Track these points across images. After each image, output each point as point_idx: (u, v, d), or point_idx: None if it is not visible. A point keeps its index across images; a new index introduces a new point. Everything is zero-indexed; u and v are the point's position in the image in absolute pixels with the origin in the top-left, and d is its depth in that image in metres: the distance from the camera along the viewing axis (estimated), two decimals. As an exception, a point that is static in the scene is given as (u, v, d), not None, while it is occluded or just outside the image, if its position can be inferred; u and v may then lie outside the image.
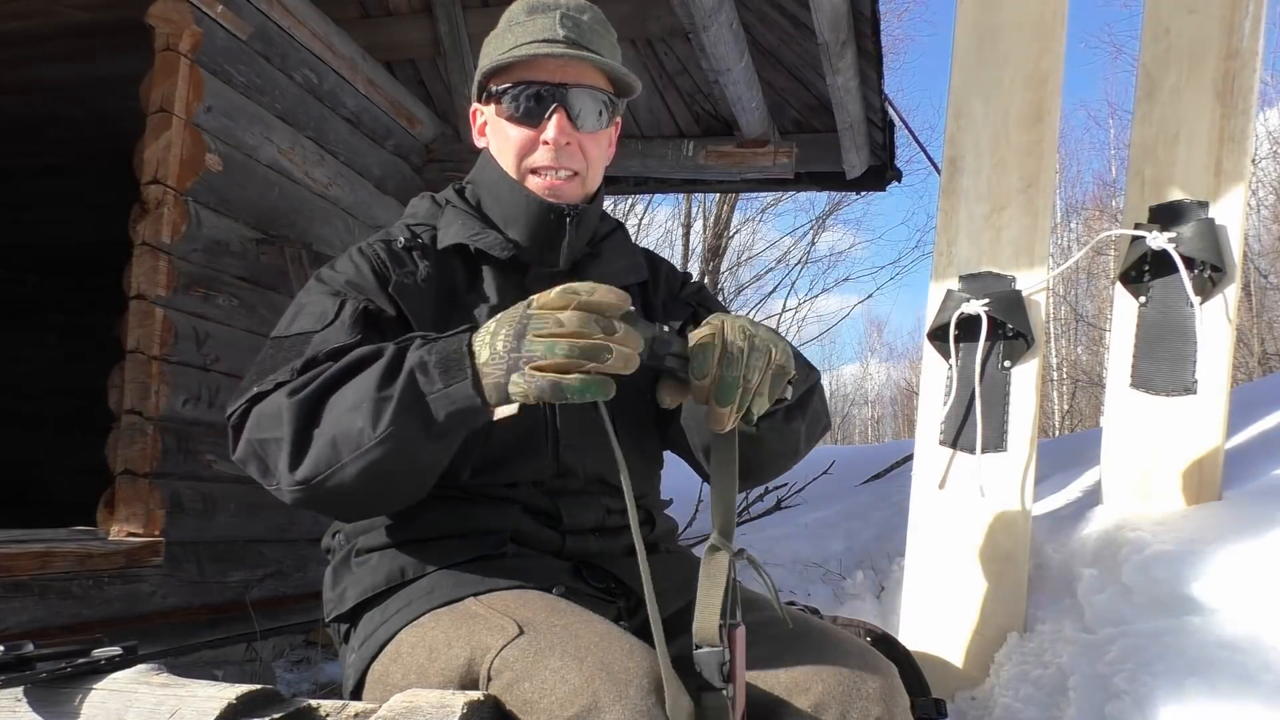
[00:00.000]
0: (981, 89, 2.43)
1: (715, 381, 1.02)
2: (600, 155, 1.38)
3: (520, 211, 1.34)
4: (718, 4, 3.38)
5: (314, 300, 1.25)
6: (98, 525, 2.76)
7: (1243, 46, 2.24)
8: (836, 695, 1.06)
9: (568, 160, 1.32)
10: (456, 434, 1.07)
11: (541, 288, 1.31)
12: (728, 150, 4.51)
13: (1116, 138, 19.41)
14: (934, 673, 2.12)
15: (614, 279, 1.35)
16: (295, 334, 1.21)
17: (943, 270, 2.41)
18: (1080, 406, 18.92)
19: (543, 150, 1.32)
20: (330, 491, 1.06)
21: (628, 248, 1.49)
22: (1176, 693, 1.71)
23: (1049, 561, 2.29)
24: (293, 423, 1.06)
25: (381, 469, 1.04)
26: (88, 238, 4.65)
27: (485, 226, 1.35)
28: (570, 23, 1.31)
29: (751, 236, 16.85)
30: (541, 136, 1.31)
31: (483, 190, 1.38)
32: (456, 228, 1.36)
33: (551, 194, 1.33)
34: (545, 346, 0.95)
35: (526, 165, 1.33)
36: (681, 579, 1.21)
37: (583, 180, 1.36)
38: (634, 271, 1.47)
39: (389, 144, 4.03)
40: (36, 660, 1.13)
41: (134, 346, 2.76)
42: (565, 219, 1.34)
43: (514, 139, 1.33)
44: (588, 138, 1.34)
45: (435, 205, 1.42)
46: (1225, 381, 2.16)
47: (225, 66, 3.02)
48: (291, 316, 1.26)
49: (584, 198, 1.38)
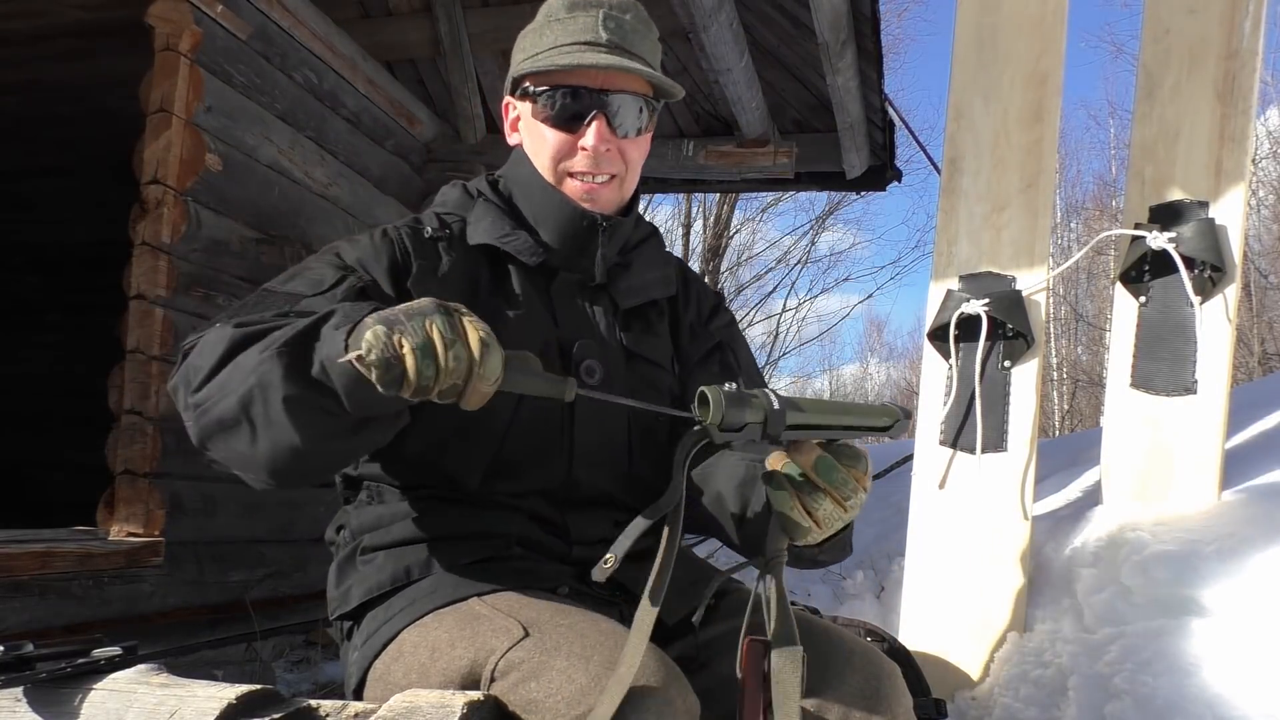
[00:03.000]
0: (981, 89, 2.43)
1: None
2: (639, 159, 1.35)
3: (553, 214, 1.31)
4: (718, 4, 3.38)
5: (318, 266, 1.21)
6: (98, 525, 2.76)
7: (1243, 46, 2.24)
8: (840, 697, 1.06)
9: (607, 165, 1.29)
10: (326, 390, 0.93)
11: (568, 295, 1.32)
12: (728, 150, 4.51)
13: (1116, 138, 19.40)
14: (934, 673, 2.12)
15: (642, 292, 1.38)
16: (286, 292, 1.16)
17: (943, 270, 2.41)
18: (1080, 406, 18.91)
19: (581, 156, 1.28)
20: (214, 423, 1.00)
21: (659, 258, 1.44)
22: (1176, 693, 1.71)
23: (1049, 561, 2.28)
24: (221, 345, 1.00)
25: (250, 404, 0.95)
26: (88, 238, 4.64)
27: (516, 226, 1.31)
28: (613, 24, 1.26)
29: (751, 236, 16.85)
30: (580, 143, 1.27)
31: (515, 187, 1.35)
32: (486, 225, 1.32)
33: (588, 198, 1.30)
34: (422, 344, 0.85)
35: (564, 169, 1.30)
36: (688, 583, 1.21)
37: (620, 183, 1.32)
38: (664, 285, 1.42)
39: (389, 144, 4.02)
40: (36, 660, 1.13)
41: (134, 346, 2.76)
42: (599, 228, 1.31)
43: (551, 142, 1.29)
44: (628, 143, 1.30)
45: (467, 195, 1.37)
46: (1225, 381, 2.16)
47: (225, 66, 3.02)
48: (290, 274, 1.21)
49: (620, 202, 1.35)
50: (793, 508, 0.99)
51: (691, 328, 1.45)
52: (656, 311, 1.42)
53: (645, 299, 1.39)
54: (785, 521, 1.00)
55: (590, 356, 1.29)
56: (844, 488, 0.99)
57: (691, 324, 1.45)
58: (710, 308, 1.49)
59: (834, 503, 0.99)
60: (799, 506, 0.99)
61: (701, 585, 1.18)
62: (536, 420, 1.24)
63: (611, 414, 1.27)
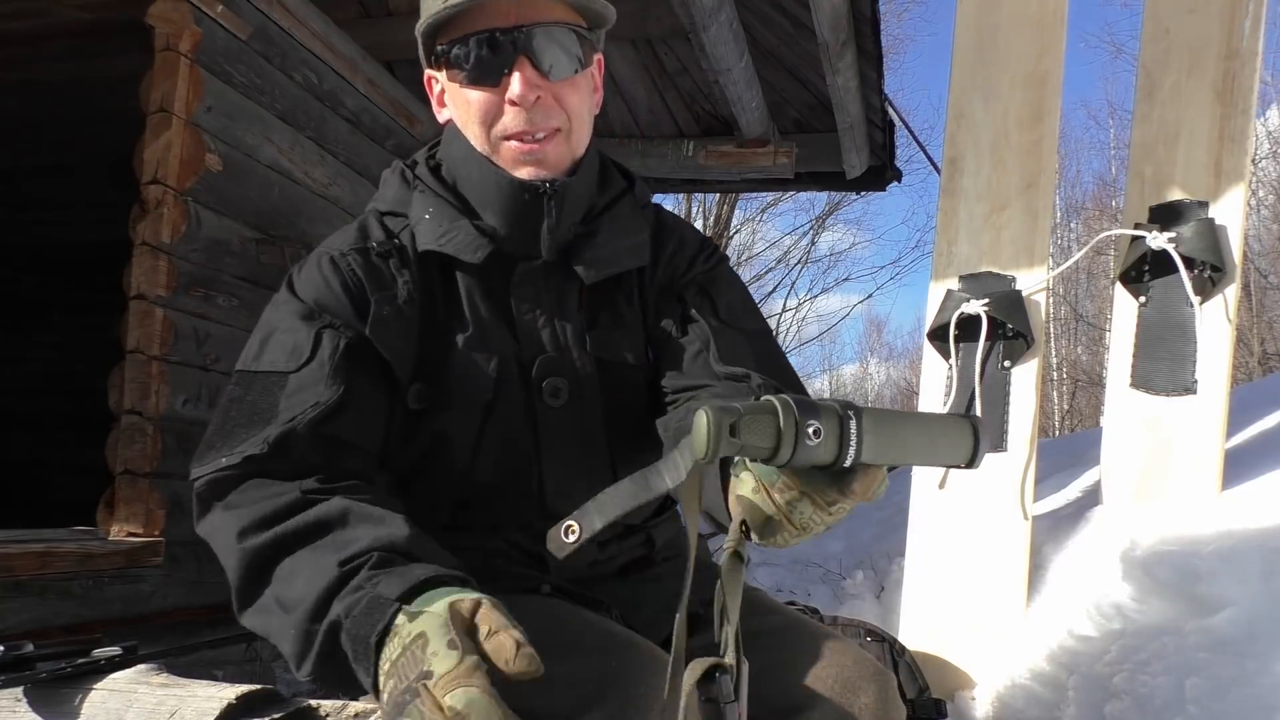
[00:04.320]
0: (981, 89, 2.43)
1: None
2: (583, 104, 1.15)
3: (491, 192, 1.13)
4: (718, 4, 3.38)
5: (285, 322, 1.08)
6: (98, 525, 2.76)
7: (1243, 46, 2.24)
8: (831, 710, 1.02)
9: (543, 119, 1.10)
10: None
11: (530, 291, 1.15)
12: (728, 150, 4.51)
13: (1116, 138, 19.41)
14: (934, 673, 2.12)
15: (609, 263, 1.18)
16: (266, 371, 1.06)
17: (943, 270, 2.41)
18: (1080, 406, 18.91)
19: (511, 113, 1.09)
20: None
21: (633, 222, 1.23)
22: (1176, 693, 1.71)
23: (1049, 561, 2.29)
24: (239, 571, 0.97)
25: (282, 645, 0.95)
26: (88, 238, 4.64)
27: (457, 216, 1.14)
28: None
29: (751, 236, 16.86)
30: (507, 96, 1.08)
31: (453, 168, 1.18)
32: (425, 225, 1.14)
33: (530, 159, 1.11)
34: None
35: (496, 133, 1.11)
36: (673, 595, 1.18)
37: (567, 136, 1.13)
38: (635, 254, 1.21)
39: (389, 144, 4.02)
40: (36, 660, 1.13)
41: (134, 346, 2.76)
42: (543, 198, 1.12)
43: (475, 104, 1.11)
44: (564, 86, 1.10)
45: (405, 186, 1.19)
46: (1225, 381, 2.16)
47: (225, 66, 3.02)
48: (261, 342, 1.09)
49: (571, 159, 1.16)
50: (755, 490, 0.81)
51: (662, 293, 1.23)
52: (624, 291, 1.22)
53: (612, 271, 1.18)
54: (749, 510, 0.81)
55: (553, 373, 1.15)
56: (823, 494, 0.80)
57: (662, 288, 1.23)
58: (688, 259, 1.25)
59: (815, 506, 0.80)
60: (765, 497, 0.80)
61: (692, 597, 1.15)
62: (500, 456, 1.14)
63: (586, 436, 1.16)
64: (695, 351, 1.17)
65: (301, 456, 0.99)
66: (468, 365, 1.12)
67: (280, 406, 1.02)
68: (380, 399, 1.08)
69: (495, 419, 1.13)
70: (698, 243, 1.28)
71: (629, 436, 1.18)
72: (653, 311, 1.22)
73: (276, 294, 1.14)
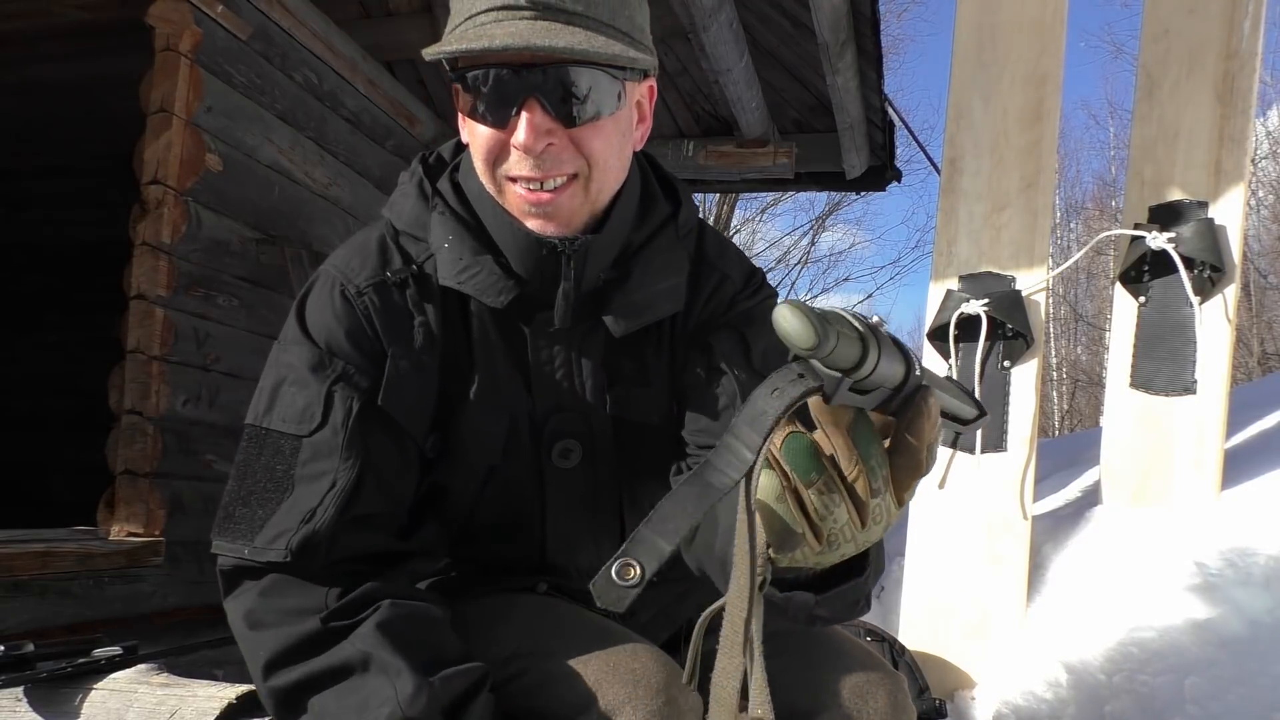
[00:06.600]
0: (981, 89, 2.43)
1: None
2: (610, 147, 0.98)
3: (509, 239, 1.01)
4: (718, 4, 3.38)
5: (295, 373, 1.00)
6: (98, 525, 2.76)
7: (1242, 47, 2.24)
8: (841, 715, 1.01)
9: (554, 165, 0.96)
10: None
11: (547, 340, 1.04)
12: (728, 150, 4.51)
13: (1116, 138, 19.41)
14: (934, 673, 2.12)
15: (639, 314, 1.05)
16: (279, 431, 0.99)
17: (943, 270, 2.41)
18: (1080, 406, 18.91)
19: (516, 157, 0.96)
20: None
21: (672, 260, 1.07)
22: (1176, 692, 1.71)
23: (1049, 561, 2.29)
24: (271, 707, 0.96)
25: None
26: (88, 238, 4.65)
27: (479, 249, 1.02)
28: None
29: (751, 236, 16.81)
30: (511, 140, 0.95)
31: (472, 195, 1.05)
32: (445, 256, 1.03)
33: (538, 213, 0.98)
34: None
35: (501, 173, 0.98)
36: (670, 598, 1.17)
37: (586, 184, 0.98)
38: (671, 299, 1.07)
39: (389, 144, 4.02)
40: (36, 660, 1.13)
41: (134, 346, 2.76)
42: (561, 256, 1.00)
43: (479, 140, 0.98)
44: (586, 131, 0.95)
45: (423, 204, 1.07)
46: (1225, 381, 2.16)
47: (225, 66, 3.02)
48: (271, 391, 1.01)
49: (592, 212, 1.02)
50: (780, 497, 0.65)
51: (694, 338, 1.09)
52: (653, 339, 1.09)
53: (644, 322, 1.05)
54: (769, 522, 0.65)
55: (567, 434, 1.07)
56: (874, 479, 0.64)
57: (695, 333, 1.09)
58: (728, 298, 1.11)
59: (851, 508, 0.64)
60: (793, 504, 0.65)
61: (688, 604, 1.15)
62: (502, 510, 1.10)
63: (596, 500, 1.11)
64: (722, 406, 1.06)
65: (325, 553, 0.96)
66: (476, 423, 1.06)
67: (296, 476, 0.97)
68: (398, 455, 1.03)
69: (498, 478, 1.09)
70: (743, 277, 1.13)
71: (645, 498, 1.08)
72: (681, 361, 1.10)
73: (285, 325, 1.05)
